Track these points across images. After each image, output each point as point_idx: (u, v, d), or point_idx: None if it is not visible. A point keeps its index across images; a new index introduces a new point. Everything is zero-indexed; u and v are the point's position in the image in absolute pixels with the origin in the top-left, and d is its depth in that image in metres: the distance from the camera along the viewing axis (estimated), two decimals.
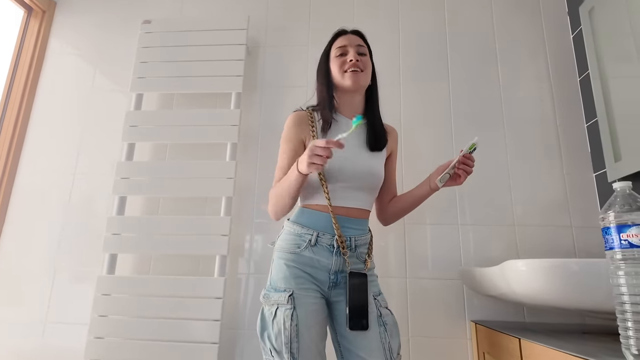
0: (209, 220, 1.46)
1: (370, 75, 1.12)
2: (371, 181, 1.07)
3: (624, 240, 0.67)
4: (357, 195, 1.05)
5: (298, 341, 0.92)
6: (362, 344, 0.95)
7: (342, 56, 1.10)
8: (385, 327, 0.97)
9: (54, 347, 1.47)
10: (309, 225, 1.02)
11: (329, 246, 1.00)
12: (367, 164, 1.06)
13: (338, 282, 1.00)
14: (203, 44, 1.66)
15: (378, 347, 0.94)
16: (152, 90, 1.66)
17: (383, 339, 0.95)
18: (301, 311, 0.94)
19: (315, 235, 1.00)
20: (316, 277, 0.99)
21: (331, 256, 1.00)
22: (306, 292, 0.97)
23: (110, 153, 1.66)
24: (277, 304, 0.96)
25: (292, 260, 1.00)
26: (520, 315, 1.37)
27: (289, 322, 0.92)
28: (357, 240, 1.02)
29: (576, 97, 1.55)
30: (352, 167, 1.04)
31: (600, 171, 1.41)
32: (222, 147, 1.58)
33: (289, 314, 0.93)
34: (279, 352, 0.92)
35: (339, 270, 1.00)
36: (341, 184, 1.03)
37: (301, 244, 1.01)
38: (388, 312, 1.01)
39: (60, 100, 1.77)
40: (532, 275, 0.83)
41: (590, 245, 1.40)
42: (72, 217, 1.61)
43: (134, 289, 1.41)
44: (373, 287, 1.02)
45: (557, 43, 1.61)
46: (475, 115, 1.57)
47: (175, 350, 1.32)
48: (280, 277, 0.99)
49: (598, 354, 0.72)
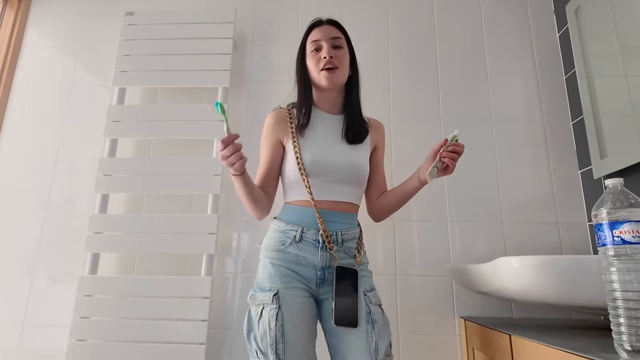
0: (195, 218, 1.43)
1: (348, 69, 1.10)
2: (354, 174, 1.05)
3: (617, 236, 0.67)
4: (341, 189, 1.04)
5: (284, 342, 0.89)
6: (346, 341, 0.92)
7: (317, 52, 1.07)
8: (374, 326, 0.93)
9: (33, 350, 1.41)
10: (293, 221, 1.01)
11: (314, 241, 0.98)
12: (348, 157, 1.05)
13: (325, 278, 0.98)
14: (188, 37, 1.62)
15: (363, 347, 0.91)
16: (135, 85, 1.61)
17: (369, 338, 0.91)
18: (286, 310, 0.92)
19: (299, 231, 0.99)
20: (303, 275, 0.97)
21: (317, 251, 0.98)
22: (292, 290, 0.95)
23: (91, 149, 1.61)
24: (262, 304, 0.93)
25: (278, 259, 0.98)
26: (509, 312, 1.38)
27: (273, 322, 0.90)
28: (343, 235, 1.00)
29: (562, 95, 1.56)
30: (332, 160, 1.03)
31: (586, 168, 1.43)
32: (208, 143, 1.54)
33: (273, 313, 0.91)
34: (264, 354, 0.90)
35: (326, 266, 0.98)
36: (323, 178, 1.02)
37: (286, 241, 0.99)
38: (379, 309, 0.97)
39: (38, 94, 1.70)
40: (525, 272, 0.83)
41: (575, 241, 1.42)
42: (52, 216, 1.55)
43: (118, 289, 1.36)
44: (364, 283, 0.99)
45: (543, 41, 1.63)
46: (464, 112, 1.57)
47: (162, 352, 1.29)
48: (265, 276, 0.98)
49: (592, 350, 0.73)
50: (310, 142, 1.05)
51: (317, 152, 1.03)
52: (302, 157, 1.03)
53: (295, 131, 1.06)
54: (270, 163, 1.08)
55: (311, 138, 1.06)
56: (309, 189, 1.00)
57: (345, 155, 1.05)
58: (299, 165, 1.02)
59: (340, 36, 1.09)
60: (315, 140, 1.06)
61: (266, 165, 1.08)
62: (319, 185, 1.02)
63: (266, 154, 1.09)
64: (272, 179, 1.08)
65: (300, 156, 1.03)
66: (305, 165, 1.02)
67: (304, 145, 1.05)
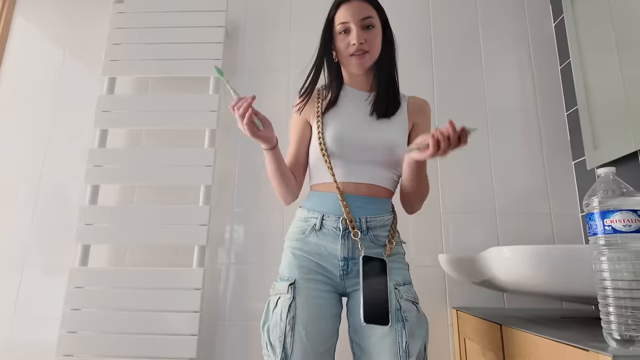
0: (187, 209, 1.42)
1: (379, 48, 0.99)
2: (384, 153, 0.95)
3: (608, 225, 0.67)
4: (369, 171, 0.94)
5: (293, 336, 0.82)
6: (373, 340, 0.83)
7: (346, 34, 0.97)
8: (404, 324, 0.83)
9: (24, 342, 1.40)
10: (314, 208, 0.94)
11: (334, 229, 0.90)
12: (377, 134, 0.95)
13: (350, 269, 0.89)
14: (179, 26, 1.59)
15: (390, 347, 0.81)
16: (125, 74, 1.59)
17: (399, 337, 0.81)
18: (301, 302, 0.85)
19: (320, 218, 0.91)
20: (324, 266, 0.90)
21: (337, 240, 0.89)
22: (311, 283, 0.88)
23: (81, 140, 1.58)
24: (279, 294, 0.88)
25: (298, 248, 0.92)
26: (501, 302, 1.38)
27: (285, 312, 0.84)
28: (369, 222, 0.91)
29: (557, 85, 1.55)
30: (357, 137, 0.94)
31: (579, 159, 1.43)
32: (200, 133, 1.52)
33: (287, 304, 0.84)
34: (273, 347, 0.83)
35: (350, 257, 0.89)
36: (348, 157, 0.94)
37: (306, 229, 0.93)
38: (412, 307, 0.86)
39: (26, 84, 1.67)
40: (517, 262, 0.83)
41: (568, 232, 1.42)
42: (42, 207, 1.53)
43: (109, 281, 1.35)
44: (395, 276, 0.89)
45: (539, 31, 1.61)
46: (458, 102, 1.56)
47: (153, 343, 1.28)
48: (285, 265, 0.92)
49: (581, 339, 0.73)
50: (334, 119, 0.98)
51: (340, 128, 0.95)
52: (324, 134, 0.96)
53: (320, 108, 1.00)
54: (298, 144, 1.01)
55: (336, 115, 0.99)
56: (331, 170, 0.93)
57: (374, 132, 0.95)
58: (320, 144, 0.95)
59: (371, 14, 0.97)
60: (340, 117, 0.98)
61: (294, 147, 1.02)
62: (342, 166, 0.94)
63: (294, 135, 1.03)
64: (301, 162, 1.02)
65: (323, 134, 0.96)
66: (326, 144, 0.95)
67: (328, 122, 0.97)
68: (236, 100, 0.82)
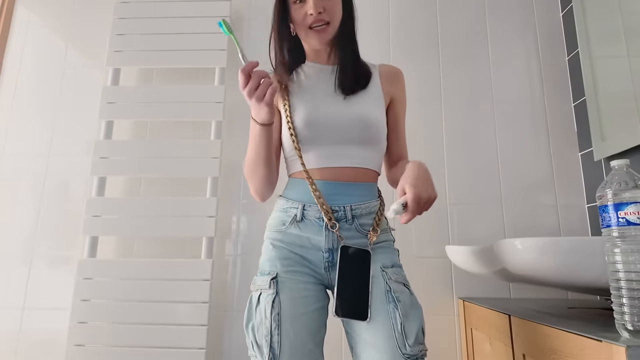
0: (194, 201, 1.42)
1: (340, 17, 0.91)
2: (363, 130, 0.87)
3: (622, 218, 0.67)
4: (348, 152, 0.87)
5: (280, 334, 0.76)
6: (365, 328, 0.78)
7: (301, 2, 0.88)
8: (397, 305, 0.77)
9: (34, 333, 1.42)
10: (294, 197, 0.87)
11: (317, 219, 0.84)
12: (351, 110, 0.87)
13: (335, 261, 0.83)
14: (184, 16, 1.57)
15: (385, 329, 0.76)
16: (130, 65, 1.57)
17: (392, 320, 0.76)
18: (286, 297, 0.79)
19: (300, 209, 0.85)
20: (307, 258, 0.84)
21: (321, 231, 0.84)
22: (294, 275, 0.83)
23: (87, 132, 1.58)
24: (260, 290, 0.82)
25: (279, 240, 0.86)
26: (506, 292, 1.39)
27: (269, 309, 0.78)
28: (354, 210, 0.84)
29: (564, 76, 1.55)
30: (329, 116, 0.87)
31: (587, 150, 1.43)
32: (206, 125, 1.52)
33: (270, 300, 0.79)
34: (259, 347, 0.77)
35: (334, 248, 0.83)
36: (322, 141, 0.86)
37: (286, 220, 0.86)
38: (404, 288, 0.81)
39: (29, 76, 1.66)
40: (528, 254, 0.83)
41: (573, 223, 1.43)
42: (49, 200, 1.53)
43: (117, 272, 1.36)
44: (383, 259, 0.83)
45: (546, 21, 1.60)
46: (465, 93, 1.55)
47: (163, 333, 1.30)
48: (265, 258, 0.87)
49: (593, 330, 0.74)
50: (301, 100, 0.90)
51: (310, 109, 0.87)
52: (292, 119, 0.88)
53: (285, 87, 0.91)
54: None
55: (302, 95, 0.91)
56: (301, 158, 0.86)
57: (346, 108, 0.88)
58: (290, 129, 0.87)
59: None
60: (307, 97, 0.90)
61: None
62: (317, 150, 0.87)
63: None
64: (276, 153, 0.94)
65: (291, 118, 0.88)
66: (296, 128, 0.87)
67: (295, 104, 0.89)
68: (248, 66, 0.75)
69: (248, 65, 0.75)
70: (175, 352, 1.28)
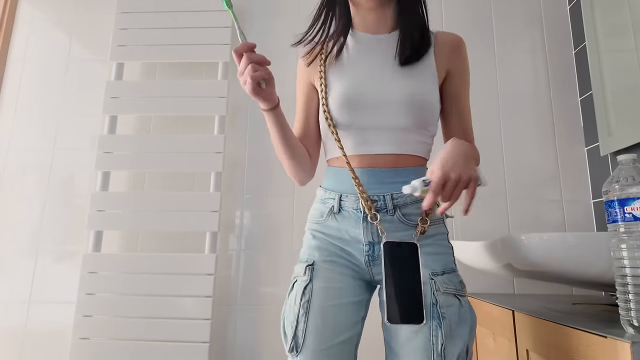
0: (198, 196, 1.42)
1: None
2: (411, 109, 0.76)
3: (628, 213, 0.66)
4: (391, 136, 0.77)
5: (306, 321, 0.71)
6: (401, 340, 0.70)
7: None
8: (441, 322, 0.68)
9: (40, 326, 1.43)
10: (331, 187, 0.81)
11: (355, 211, 0.77)
12: (398, 86, 0.77)
13: (377, 254, 0.76)
14: (187, 10, 1.57)
15: (422, 349, 0.68)
16: (133, 60, 1.57)
17: (433, 338, 0.68)
18: (318, 286, 0.74)
19: (337, 200, 0.78)
20: (348, 251, 0.78)
21: (359, 223, 0.76)
22: (332, 265, 0.77)
23: (91, 126, 1.58)
24: (296, 277, 0.79)
25: (318, 231, 0.81)
26: (510, 288, 1.39)
27: (299, 296, 0.74)
28: (396, 199, 0.76)
29: (571, 69, 1.53)
30: (370, 93, 0.77)
31: (593, 145, 1.41)
32: (209, 119, 1.52)
33: (302, 286, 0.75)
34: (285, 334, 0.74)
35: (377, 241, 0.76)
36: (360, 124, 0.78)
37: (324, 212, 0.80)
38: (454, 300, 0.71)
39: (34, 71, 1.66)
40: (533, 249, 0.83)
41: (579, 218, 1.42)
42: (54, 194, 1.54)
43: (122, 266, 1.37)
44: (431, 263, 0.74)
45: (553, 13, 1.58)
46: (470, 86, 1.53)
47: (168, 327, 1.31)
48: (304, 248, 0.82)
49: (598, 326, 0.73)
50: (340, 76, 0.80)
51: (348, 88, 0.78)
52: (327, 99, 0.79)
53: (323, 64, 0.81)
54: (305, 111, 0.85)
55: (342, 71, 0.81)
56: (339, 142, 0.78)
57: (394, 84, 0.77)
58: (325, 111, 0.79)
59: None
60: (347, 73, 0.80)
61: (301, 115, 0.86)
62: (355, 134, 0.78)
63: (300, 103, 0.87)
64: (312, 134, 0.86)
65: (326, 98, 0.79)
66: (331, 111, 0.78)
67: (332, 82, 0.80)
68: (242, 47, 0.70)
69: (241, 46, 0.69)
70: (179, 346, 1.29)
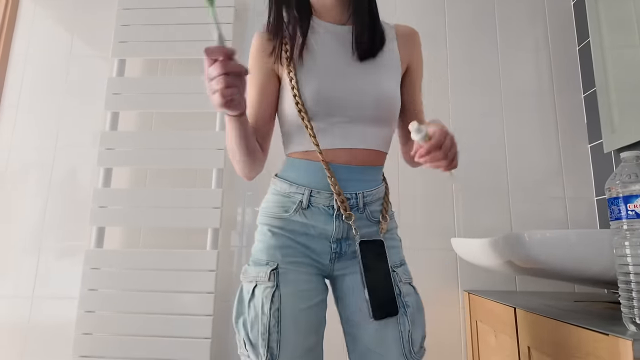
0: (200, 192, 1.42)
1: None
2: (381, 107, 0.76)
3: (631, 210, 0.66)
4: (363, 132, 0.76)
5: (279, 331, 0.69)
6: (371, 331, 0.72)
7: None
8: (406, 311, 0.73)
9: (43, 321, 1.44)
10: (299, 181, 0.76)
11: (326, 208, 0.75)
12: (368, 82, 0.76)
13: (343, 252, 0.76)
14: (188, 6, 1.56)
15: (394, 338, 0.71)
16: (135, 56, 1.57)
17: (401, 327, 0.72)
18: (287, 291, 0.71)
19: (307, 195, 0.75)
20: (311, 247, 0.75)
21: (331, 221, 0.74)
22: (296, 266, 0.74)
23: (93, 123, 1.58)
24: (255, 281, 0.73)
25: (279, 227, 0.76)
26: (512, 285, 1.39)
27: (268, 305, 0.69)
28: (366, 197, 0.76)
29: (574, 66, 1.52)
30: (345, 90, 0.75)
31: (596, 142, 1.40)
32: (211, 116, 1.51)
33: (269, 293, 0.70)
34: (254, 346, 0.70)
35: (344, 238, 0.75)
36: (335, 117, 0.75)
37: (289, 207, 0.76)
38: (411, 289, 0.76)
39: (36, 68, 1.66)
40: (535, 247, 0.82)
41: (582, 216, 1.41)
42: (56, 190, 1.54)
43: (124, 262, 1.38)
44: (393, 256, 0.76)
45: (557, 9, 1.56)
46: (472, 83, 1.53)
47: (169, 322, 1.31)
48: (262, 247, 0.76)
49: (600, 323, 0.73)
50: (312, 67, 0.77)
51: (323, 80, 0.76)
52: (301, 90, 0.76)
53: (290, 54, 0.77)
54: (259, 105, 0.79)
55: (313, 61, 0.78)
56: (314, 138, 0.74)
57: (363, 80, 0.76)
58: (297, 103, 0.75)
59: None
60: (318, 64, 0.77)
61: (255, 109, 0.79)
62: (328, 129, 0.75)
63: (255, 90, 0.80)
64: (265, 128, 0.81)
65: (299, 91, 0.76)
66: (306, 104, 0.75)
67: (304, 72, 0.77)
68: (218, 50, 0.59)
69: (217, 49, 0.59)
70: (181, 342, 1.29)
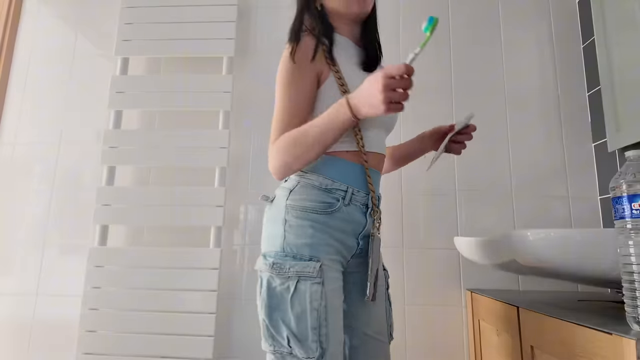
0: (203, 191, 1.43)
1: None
2: (395, 118, 0.91)
3: (636, 209, 0.65)
4: (384, 138, 0.90)
5: (327, 326, 0.73)
6: (367, 319, 0.85)
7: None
8: (390, 303, 0.90)
9: (47, 319, 1.45)
10: (340, 178, 0.81)
11: (362, 206, 0.82)
12: None
13: (361, 248, 0.84)
14: (191, 4, 1.56)
15: (384, 325, 0.86)
16: (138, 54, 1.57)
17: (387, 314, 0.88)
18: (329, 288, 0.76)
19: (350, 192, 0.81)
20: (345, 244, 0.81)
21: (364, 218, 0.83)
22: (333, 263, 0.79)
23: (96, 121, 1.59)
24: (298, 277, 0.74)
25: (323, 223, 0.78)
26: (515, 284, 1.38)
27: (317, 300, 0.73)
28: (380, 198, 0.88)
29: (579, 64, 1.51)
30: None
31: (600, 141, 1.40)
32: (214, 114, 1.52)
33: (317, 289, 0.73)
34: (301, 341, 0.72)
35: (366, 235, 0.84)
36: (372, 122, 0.84)
37: (333, 203, 0.79)
38: (388, 285, 0.94)
39: (40, 66, 1.66)
40: (539, 246, 0.82)
41: (585, 215, 1.40)
42: (60, 188, 1.55)
43: (127, 260, 1.38)
44: (381, 256, 0.91)
45: (561, 6, 1.55)
46: (476, 81, 1.52)
47: (173, 320, 1.32)
48: (304, 242, 0.77)
49: (603, 323, 0.73)
50: (354, 73, 0.85)
51: None
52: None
53: (329, 60, 0.83)
54: (309, 107, 0.83)
55: (351, 71, 0.85)
56: (362, 140, 0.82)
57: None
58: None
59: None
60: (357, 74, 0.86)
61: (306, 111, 0.82)
62: (369, 131, 0.84)
63: (303, 97, 0.82)
64: None
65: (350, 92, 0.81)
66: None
67: (350, 76, 0.84)
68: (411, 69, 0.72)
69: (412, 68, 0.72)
70: (184, 339, 1.30)
